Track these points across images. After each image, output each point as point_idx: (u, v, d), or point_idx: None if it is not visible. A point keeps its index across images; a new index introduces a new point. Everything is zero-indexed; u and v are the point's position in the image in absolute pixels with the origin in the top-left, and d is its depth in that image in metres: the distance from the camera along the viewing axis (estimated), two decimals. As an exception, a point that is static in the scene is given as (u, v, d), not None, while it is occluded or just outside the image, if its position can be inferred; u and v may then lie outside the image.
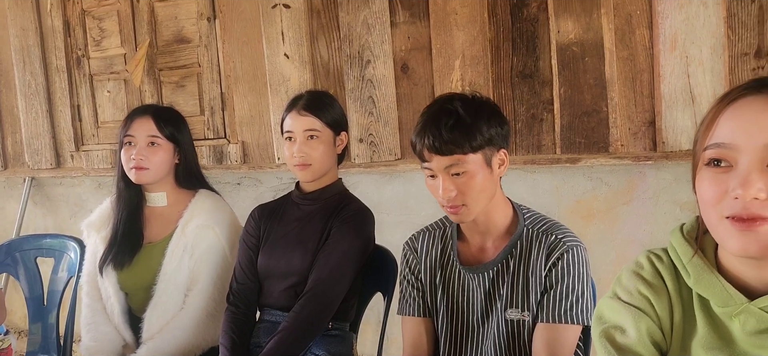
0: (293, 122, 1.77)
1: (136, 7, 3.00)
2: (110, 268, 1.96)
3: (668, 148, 2.12)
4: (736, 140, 0.86)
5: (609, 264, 2.25)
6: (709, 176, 0.89)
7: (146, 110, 2.02)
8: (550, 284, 1.40)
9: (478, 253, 1.50)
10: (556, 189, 2.37)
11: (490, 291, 1.46)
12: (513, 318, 1.43)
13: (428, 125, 1.38)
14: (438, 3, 2.41)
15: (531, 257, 1.43)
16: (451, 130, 1.35)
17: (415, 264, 1.57)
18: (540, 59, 2.29)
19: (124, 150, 1.96)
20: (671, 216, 2.19)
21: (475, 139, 1.36)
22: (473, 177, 1.38)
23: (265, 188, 2.90)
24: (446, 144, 1.35)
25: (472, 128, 1.36)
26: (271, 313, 1.81)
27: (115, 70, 3.10)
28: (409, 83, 2.51)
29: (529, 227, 1.46)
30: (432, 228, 1.59)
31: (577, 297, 1.39)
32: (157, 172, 1.95)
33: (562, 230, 1.44)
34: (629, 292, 1.02)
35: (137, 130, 1.95)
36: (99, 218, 2.07)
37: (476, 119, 1.37)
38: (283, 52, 2.69)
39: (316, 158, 1.76)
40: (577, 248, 1.41)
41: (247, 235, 1.90)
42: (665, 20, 2.09)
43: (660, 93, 2.12)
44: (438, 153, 1.36)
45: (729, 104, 0.89)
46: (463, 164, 1.36)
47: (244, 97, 2.81)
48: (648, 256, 1.04)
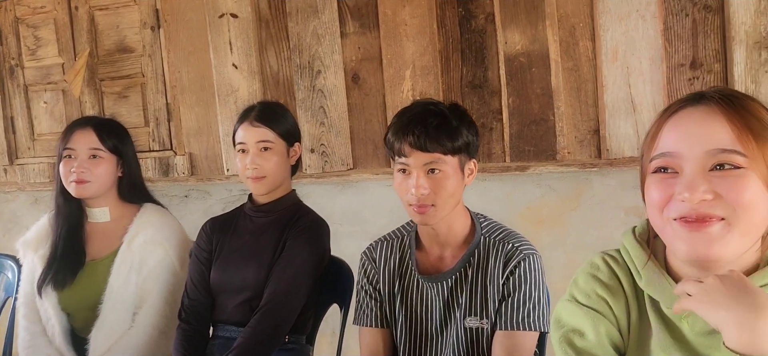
0: (246, 133, 1.74)
1: (75, 15, 2.89)
2: (50, 288, 1.87)
3: (612, 155, 2.20)
4: (679, 149, 0.92)
5: (559, 269, 2.31)
6: (657, 182, 0.94)
7: (87, 121, 1.95)
8: (508, 292, 1.43)
9: (437, 262, 1.52)
10: (506, 196, 2.41)
11: (449, 300, 1.47)
12: (472, 326, 1.45)
13: (413, 123, 1.41)
14: (388, 14, 2.43)
15: (488, 265, 1.46)
16: (436, 128, 1.39)
17: (373, 274, 1.57)
18: (489, 70, 2.33)
19: (64, 163, 1.89)
20: (617, 221, 2.27)
21: (457, 140, 1.41)
22: (447, 178, 1.41)
23: (214, 201, 2.84)
24: (431, 141, 1.38)
25: (455, 130, 1.41)
26: (226, 329, 1.77)
27: (52, 81, 2.98)
28: (360, 93, 2.51)
29: (486, 235, 1.49)
30: (390, 237, 1.60)
31: (534, 304, 1.42)
32: (100, 186, 1.89)
33: (519, 239, 1.48)
34: (587, 294, 1.04)
35: (77, 142, 1.88)
36: (36, 236, 1.97)
37: (460, 123, 1.43)
38: (232, 62, 2.65)
39: (270, 169, 1.73)
40: (533, 257, 1.45)
41: (198, 249, 1.85)
42: (606, 33, 2.17)
43: (603, 102, 2.20)
44: (421, 149, 1.39)
45: (670, 116, 0.95)
46: (442, 163, 1.40)
47: (191, 108, 2.75)
48: (603, 257, 1.07)
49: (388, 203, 2.57)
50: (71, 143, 1.88)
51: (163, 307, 1.87)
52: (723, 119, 0.90)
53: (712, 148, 0.89)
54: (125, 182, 1.96)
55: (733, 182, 0.88)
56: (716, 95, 0.92)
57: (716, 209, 0.89)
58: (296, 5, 2.54)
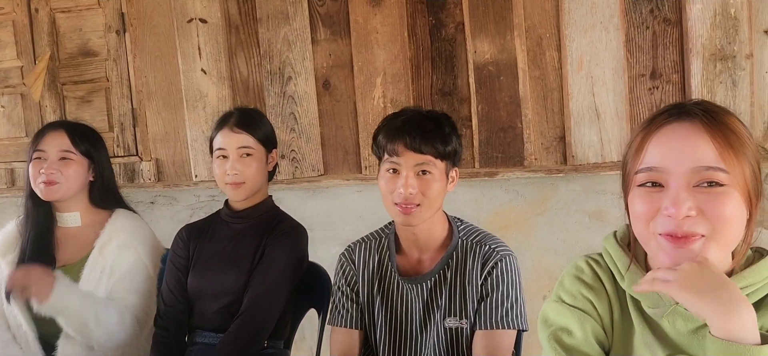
0: (226, 139, 1.74)
1: (35, 17, 2.82)
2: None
3: (577, 161, 2.28)
4: (665, 164, 0.96)
5: (526, 272, 2.38)
6: (642, 196, 0.98)
7: (60, 124, 1.93)
8: (486, 292, 1.48)
9: (416, 265, 1.56)
10: (475, 201, 2.47)
11: (429, 301, 1.51)
12: (452, 326, 1.49)
13: (409, 125, 1.47)
14: (359, 21, 2.46)
15: (467, 267, 1.50)
16: (431, 132, 1.46)
17: (352, 276, 1.60)
18: (458, 78, 2.39)
19: (33, 165, 1.86)
20: (581, 225, 2.35)
21: (448, 146, 1.48)
22: (435, 181, 1.47)
23: (181, 207, 2.81)
24: (425, 143, 1.45)
25: (448, 137, 1.49)
26: (204, 335, 1.76)
27: (10, 84, 2.89)
28: (331, 100, 2.53)
29: (463, 238, 1.54)
30: (369, 239, 1.62)
31: (512, 303, 1.47)
32: (69, 187, 1.86)
33: (495, 241, 1.54)
34: (573, 295, 1.09)
35: (48, 144, 1.86)
36: (3, 241, 1.92)
37: (451, 131, 1.51)
38: (200, 67, 2.63)
39: (250, 175, 1.74)
40: (509, 257, 1.51)
41: (174, 256, 1.84)
42: (572, 43, 2.26)
43: (569, 110, 2.28)
44: (414, 150, 1.45)
45: (655, 130, 0.98)
46: (432, 165, 1.46)
47: (157, 113, 2.71)
48: (587, 261, 1.13)
49: (358, 209, 2.59)
50: (42, 144, 1.86)
51: (136, 311, 1.84)
52: (706, 136, 0.94)
53: (697, 165, 0.93)
54: (97, 186, 1.94)
55: (716, 198, 0.93)
56: (699, 111, 0.96)
57: (698, 226, 0.93)
58: (267, 11, 2.54)
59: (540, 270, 2.38)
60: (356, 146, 2.50)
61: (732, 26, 2.12)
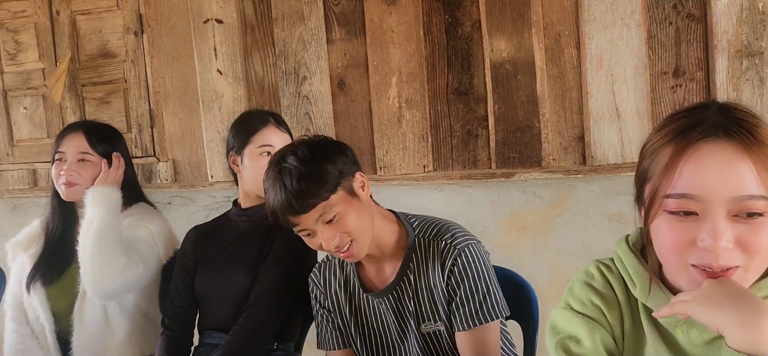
0: (271, 135, 1.76)
1: (56, 19, 2.85)
2: (38, 284, 1.88)
3: (596, 162, 2.22)
4: (703, 192, 0.86)
5: (543, 275, 2.33)
6: (674, 224, 0.89)
7: (79, 126, 1.97)
8: (453, 291, 1.40)
9: (378, 276, 1.49)
10: (491, 203, 2.42)
11: (399, 311, 1.46)
12: (428, 331, 1.44)
13: (276, 192, 1.35)
14: (374, 20, 2.43)
15: (428, 268, 1.42)
16: (297, 183, 1.32)
17: (323, 298, 1.56)
18: (474, 77, 2.35)
19: (55, 166, 1.91)
20: (600, 227, 2.29)
21: (327, 181, 1.34)
22: (346, 215, 1.35)
23: (197, 208, 2.81)
24: (300, 201, 1.32)
25: (318, 173, 1.34)
26: (212, 336, 1.76)
27: (32, 86, 2.93)
28: (346, 100, 2.51)
29: (419, 236, 1.45)
30: (330, 259, 1.57)
31: (483, 294, 1.39)
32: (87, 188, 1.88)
33: (451, 232, 1.43)
34: (582, 302, 1.05)
35: (67, 146, 1.90)
36: (27, 236, 1.98)
37: (318, 163, 1.35)
38: (216, 68, 2.63)
39: None
40: (468, 247, 1.40)
41: (183, 257, 1.84)
42: (591, 40, 2.20)
43: (588, 110, 2.22)
44: (301, 213, 1.33)
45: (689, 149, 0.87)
46: (331, 208, 1.34)
47: (174, 113, 2.72)
48: (598, 266, 1.08)
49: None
50: (62, 146, 1.91)
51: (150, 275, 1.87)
52: (749, 160, 0.85)
53: (739, 195, 0.85)
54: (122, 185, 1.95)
55: (755, 229, 0.85)
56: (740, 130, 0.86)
57: (735, 258, 0.86)
58: (282, 11, 2.53)
59: (557, 273, 2.32)
60: (371, 147, 2.48)
61: (759, 21, 2.04)
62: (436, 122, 2.39)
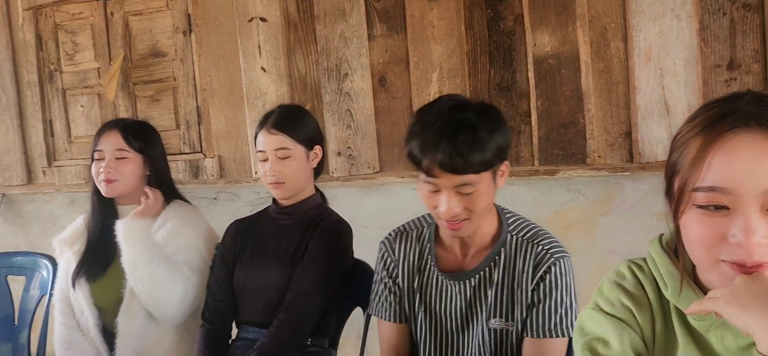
0: (264, 140, 1.75)
1: (111, 20, 2.96)
2: (83, 280, 1.94)
3: (645, 159, 2.14)
4: (734, 185, 0.81)
5: (588, 275, 2.26)
6: (702, 220, 0.84)
7: (115, 124, 2.01)
8: (538, 298, 1.38)
9: (459, 259, 1.46)
10: (534, 201, 2.37)
11: (472, 300, 1.43)
12: (496, 328, 1.41)
13: (441, 139, 1.26)
14: (415, 16, 2.41)
15: (516, 268, 1.40)
16: (469, 147, 1.26)
17: (393, 267, 1.53)
18: (517, 72, 2.30)
19: (95, 164, 1.96)
20: (649, 227, 2.21)
21: (488, 153, 1.28)
22: (481, 196, 1.32)
23: (242, 203, 2.87)
24: (462, 161, 1.26)
25: (487, 144, 1.28)
26: (248, 330, 1.78)
27: (88, 85, 3.05)
28: (387, 96, 2.50)
29: (513, 234, 1.43)
30: (408, 229, 1.54)
31: (566, 310, 1.38)
32: (127, 184, 1.94)
33: (548, 240, 1.42)
34: (612, 303, 1.01)
35: (105, 143, 1.95)
36: (72, 233, 2.04)
37: (491, 133, 1.29)
38: (260, 65, 2.67)
39: (289, 175, 1.74)
40: (563, 260, 1.39)
41: (224, 251, 1.87)
42: (639, 33, 2.12)
43: (636, 105, 2.14)
44: (452, 172, 1.27)
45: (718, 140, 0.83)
46: (474, 184, 1.30)
47: (220, 111, 2.78)
48: (629, 266, 1.04)
49: (413, 207, 2.53)
50: (100, 144, 1.96)
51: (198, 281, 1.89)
52: None
53: None
54: (153, 181, 2.00)
55: None
56: None
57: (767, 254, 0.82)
58: (324, 8, 2.55)
59: (603, 274, 2.22)
60: (412, 143, 2.46)
61: (822, 10, 1.92)
62: (478, 118, 2.36)
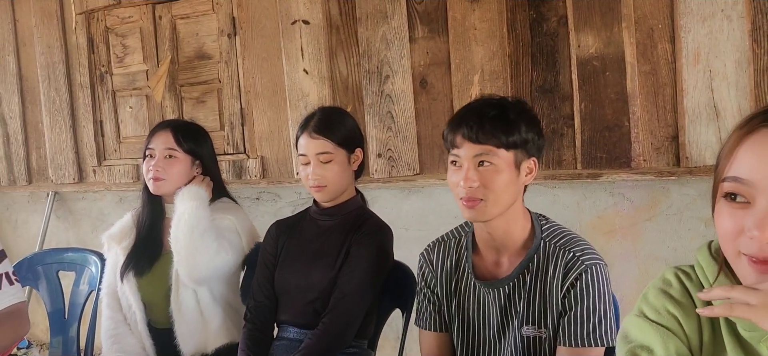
0: (306, 144, 1.76)
1: (159, 24, 3.04)
2: (131, 274, 2.00)
3: (692, 163, 2.09)
4: (753, 177, 0.83)
5: (631, 281, 2.21)
6: (727, 211, 0.86)
7: (167, 124, 2.07)
8: (569, 305, 1.37)
9: (493, 267, 1.47)
10: (576, 204, 2.34)
11: (506, 307, 1.43)
12: (529, 335, 1.40)
13: (469, 114, 1.38)
14: (457, 18, 2.41)
15: (547, 274, 1.39)
16: (491, 120, 1.35)
17: (430, 278, 1.55)
18: (560, 74, 2.27)
19: (145, 162, 2.02)
20: (696, 233, 2.15)
21: (511, 135, 1.35)
22: (499, 172, 1.35)
23: (283, 203, 2.91)
24: (483, 132, 1.34)
25: (512, 124, 1.36)
26: (288, 330, 1.81)
27: (137, 86, 3.14)
28: (427, 98, 2.50)
29: (546, 240, 1.43)
30: (446, 238, 1.56)
31: (600, 317, 1.35)
32: (174, 183, 1.99)
33: (581, 247, 1.40)
34: (657, 311, 0.99)
35: (156, 143, 2.01)
36: (120, 230, 2.10)
37: (518, 118, 1.37)
38: (303, 67, 2.71)
39: (331, 178, 1.75)
40: (595, 267, 1.36)
41: (265, 252, 1.90)
42: (688, 34, 2.06)
43: (683, 108, 2.09)
44: (472, 141, 1.35)
45: (749, 134, 0.85)
46: (493, 155, 1.35)
47: (263, 112, 2.83)
48: (676, 273, 1.01)
49: (453, 209, 2.52)
50: (151, 143, 2.02)
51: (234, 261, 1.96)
52: None
53: None
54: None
55: None
56: None
57: None
58: (366, 11, 2.56)
59: (647, 280, 2.18)
60: (452, 145, 2.46)
61: None
62: (519, 120, 2.33)
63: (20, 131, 3.47)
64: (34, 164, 3.49)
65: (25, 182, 3.51)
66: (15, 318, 1.85)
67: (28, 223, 3.70)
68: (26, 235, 3.68)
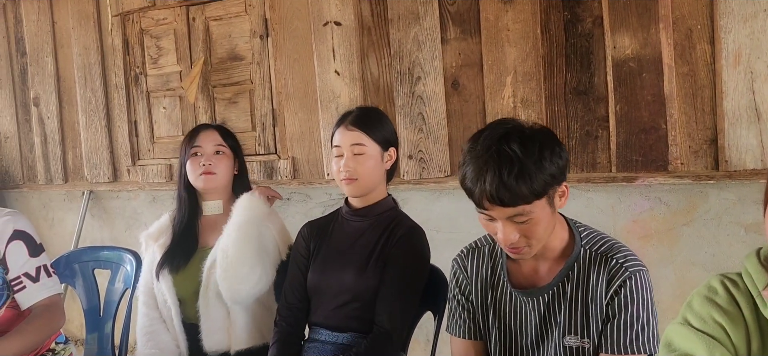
0: (341, 136, 1.78)
1: (192, 25, 3.08)
2: (166, 271, 2.03)
3: (732, 167, 2.04)
4: None
5: (668, 287, 2.17)
6: None
7: (210, 124, 2.19)
8: (613, 313, 1.34)
9: (531, 275, 1.44)
10: (611, 208, 2.30)
11: (546, 316, 1.41)
12: (572, 345, 1.38)
13: (486, 172, 1.26)
14: (490, 19, 2.39)
15: (589, 282, 1.37)
16: (515, 179, 1.24)
17: (465, 284, 1.53)
18: (595, 75, 2.24)
19: (191, 160, 2.06)
20: (735, 238, 2.10)
21: (537, 184, 1.26)
22: (538, 223, 1.30)
23: (314, 204, 2.92)
24: (510, 196, 1.24)
25: (536, 175, 1.25)
26: (320, 332, 1.81)
27: (170, 87, 3.19)
28: (459, 100, 2.49)
29: (586, 247, 1.40)
30: (480, 245, 1.54)
31: (643, 325, 1.33)
32: (222, 177, 2.06)
33: (623, 253, 1.37)
34: (702, 319, 0.96)
35: (204, 140, 2.07)
36: (158, 229, 2.15)
37: (539, 161, 1.26)
38: (334, 69, 2.72)
39: (363, 173, 1.75)
40: (639, 273, 1.34)
41: (297, 254, 1.91)
42: (728, 35, 2.02)
43: (723, 110, 2.04)
44: (501, 205, 1.26)
45: None
46: (528, 213, 1.28)
47: (294, 113, 2.84)
48: (722, 281, 0.99)
49: (486, 212, 2.53)
50: (198, 141, 2.07)
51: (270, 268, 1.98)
52: None
53: None
54: (239, 179, 2.13)
55: None
56: None
57: None
58: (398, 12, 2.56)
59: (684, 286, 2.16)
60: (484, 147, 2.44)
61: None
62: (553, 122, 2.31)
63: (57, 131, 3.55)
64: (71, 164, 3.56)
65: (61, 180, 3.59)
66: (52, 310, 1.90)
67: (64, 221, 3.78)
68: (62, 233, 3.76)
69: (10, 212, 1.93)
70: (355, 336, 1.76)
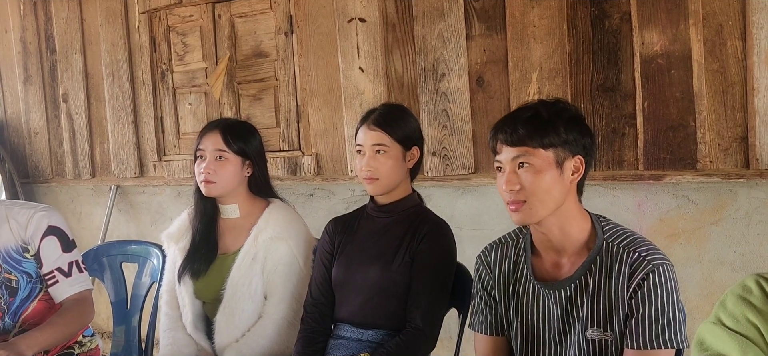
0: (363, 135, 1.79)
1: (218, 22, 3.11)
2: (187, 277, 2.02)
3: (763, 165, 2.01)
4: None
5: (695, 286, 2.14)
6: None
7: (216, 124, 2.04)
8: (636, 307, 1.33)
9: (553, 269, 1.44)
10: (638, 206, 2.28)
11: (568, 309, 1.40)
12: (595, 338, 1.37)
13: (506, 119, 1.41)
14: (515, 15, 2.38)
15: (612, 275, 1.36)
16: (524, 123, 1.36)
17: (488, 280, 1.53)
18: (622, 72, 2.21)
19: (196, 164, 2.01)
20: (765, 237, 2.07)
21: (547, 135, 1.35)
22: (539, 173, 1.34)
23: (337, 200, 2.93)
24: (518, 135, 1.35)
25: (547, 125, 1.36)
26: (345, 328, 1.81)
27: (196, 84, 3.22)
28: (484, 96, 2.48)
29: (608, 241, 1.39)
30: (505, 240, 1.55)
31: (668, 319, 1.31)
32: (225, 185, 1.97)
33: (646, 247, 1.36)
34: (735, 318, 0.95)
35: (206, 144, 1.98)
36: (178, 229, 2.12)
37: (554, 118, 1.37)
38: (358, 65, 2.72)
39: (384, 172, 1.76)
40: (662, 267, 1.33)
41: (322, 251, 1.91)
42: (761, 31, 1.98)
43: (754, 108, 2.01)
44: (509, 144, 1.37)
45: None
46: (531, 156, 1.35)
47: (319, 110, 2.85)
48: (757, 280, 0.97)
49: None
50: (201, 143, 2.00)
51: (290, 301, 1.95)
52: None
53: None
54: (254, 180, 2.05)
55: None
56: None
57: None
58: (423, 9, 2.56)
59: (712, 286, 2.13)
60: (509, 144, 2.43)
61: None
62: (579, 119, 2.29)
63: (85, 127, 3.61)
64: (98, 159, 3.62)
65: (89, 175, 3.65)
66: (82, 305, 1.93)
67: (91, 215, 3.84)
68: (89, 227, 3.82)
69: (44, 208, 1.96)
70: (380, 333, 1.77)
